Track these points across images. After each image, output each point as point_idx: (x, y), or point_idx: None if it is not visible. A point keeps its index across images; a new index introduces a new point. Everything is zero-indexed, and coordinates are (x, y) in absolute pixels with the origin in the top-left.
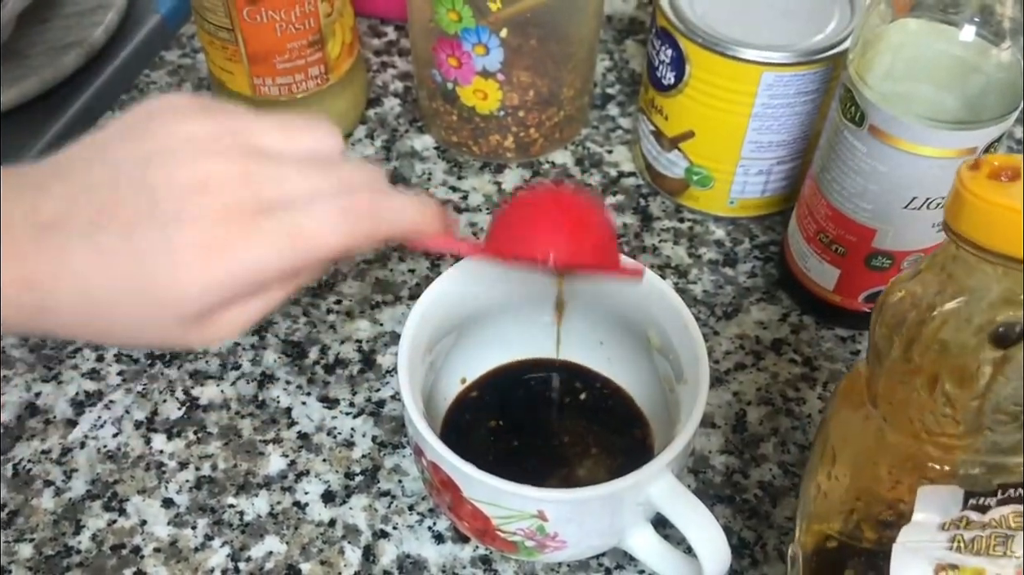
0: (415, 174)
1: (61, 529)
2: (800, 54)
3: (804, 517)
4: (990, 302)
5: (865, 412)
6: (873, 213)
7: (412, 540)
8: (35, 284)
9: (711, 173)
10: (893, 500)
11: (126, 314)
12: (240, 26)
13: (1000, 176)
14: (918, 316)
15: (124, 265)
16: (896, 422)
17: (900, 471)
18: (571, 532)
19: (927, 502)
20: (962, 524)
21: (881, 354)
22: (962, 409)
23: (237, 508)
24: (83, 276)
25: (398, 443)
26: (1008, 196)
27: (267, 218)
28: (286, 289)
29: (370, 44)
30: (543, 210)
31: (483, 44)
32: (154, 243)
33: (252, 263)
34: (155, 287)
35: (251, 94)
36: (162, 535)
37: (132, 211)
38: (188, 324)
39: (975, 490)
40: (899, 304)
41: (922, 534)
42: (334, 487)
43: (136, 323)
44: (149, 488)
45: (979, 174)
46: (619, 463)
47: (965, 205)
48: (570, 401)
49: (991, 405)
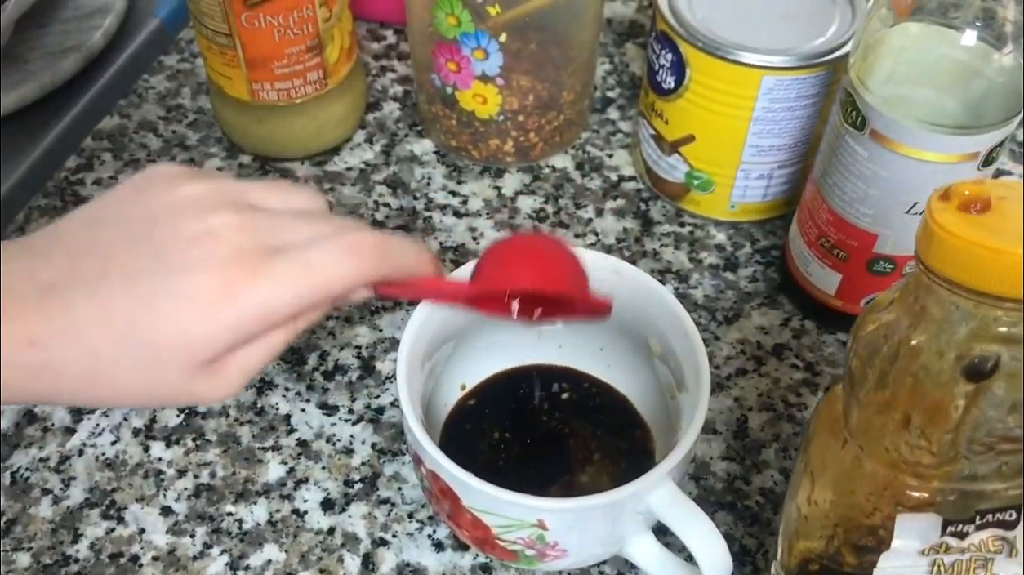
0: (414, 179)
1: (59, 538)
2: (801, 58)
3: (786, 537)
4: (963, 336)
5: (843, 438)
6: (875, 218)
7: (412, 548)
8: (37, 341)
9: (712, 177)
10: (872, 526)
11: (132, 370)
12: (238, 31)
13: (971, 208)
14: (891, 349)
15: (129, 316)
16: (872, 451)
17: (878, 499)
18: (572, 541)
19: (906, 529)
20: (941, 550)
21: (856, 383)
22: (936, 441)
23: (236, 516)
24: (87, 331)
25: (398, 450)
26: (978, 231)
27: (276, 256)
28: (288, 332)
29: (369, 48)
30: (515, 248)
31: (482, 48)
32: (160, 290)
33: (264, 299)
34: (162, 335)
35: (250, 99)
36: (160, 543)
37: (138, 264)
38: (197, 372)
39: (953, 518)
40: (873, 335)
41: (902, 559)
42: (333, 495)
43: (142, 379)
44: (147, 496)
45: (949, 206)
46: (620, 470)
47: (935, 240)
48: (570, 407)
49: (966, 437)
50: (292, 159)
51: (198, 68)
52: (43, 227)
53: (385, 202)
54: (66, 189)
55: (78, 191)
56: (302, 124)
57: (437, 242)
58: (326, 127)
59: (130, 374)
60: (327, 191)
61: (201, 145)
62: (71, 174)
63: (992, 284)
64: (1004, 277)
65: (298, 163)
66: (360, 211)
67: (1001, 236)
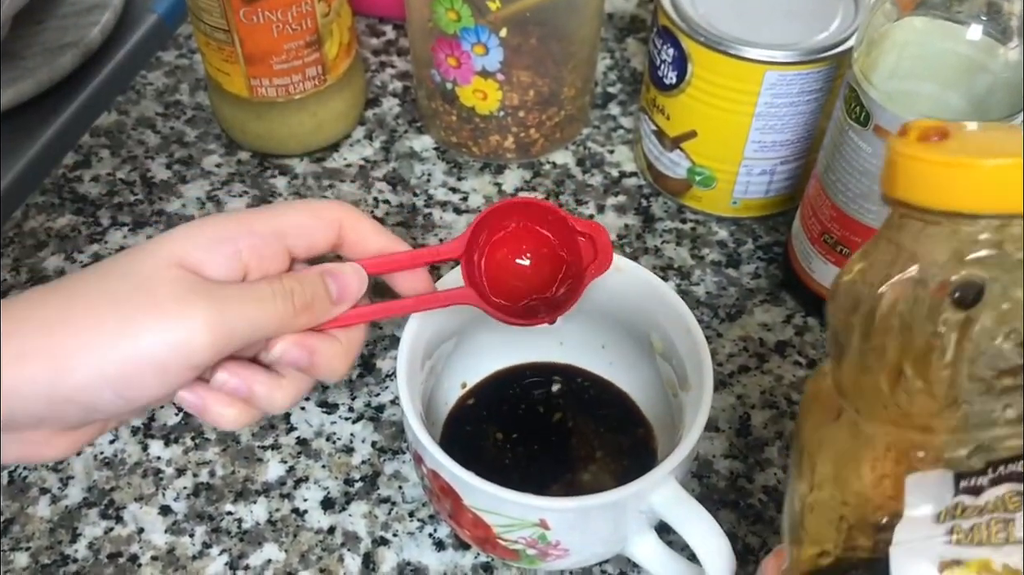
0: (414, 175)
1: (57, 537)
2: (804, 53)
3: (795, 542)
4: (942, 264)
5: (836, 411)
6: (879, 214)
7: (412, 547)
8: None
9: (714, 173)
10: (881, 499)
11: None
12: (236, 27)
13: (930, 138)
14: (872, 293)
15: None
16: (870, 411)
17: (883, 464)
18: (573, 540)
19: (917, 493)
20: (957, 512)
21: (842, 343)
22: (935, 382)
23: (235, 515)
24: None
25: (398, 448)
26: (941, 153)
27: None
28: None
29: (368, 43)
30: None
31: (482, 44)
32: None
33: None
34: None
35: (248, 95)
36: (159, 543)
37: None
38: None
39: (965, 471)
40: (851, 286)
41: (917, 530)
42: (333, 493)
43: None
44: (146, 495)
45: (909, 139)
46: (622, 468)
47: (900, 169)
48: (572, 405)
49: (963, 375)
50: (291, 156)
51: (196, 64)
52: (40, 224)
53: (385, 199)
54: (64, 186)
55: (76, 188)
56: (301, 120)
57: (437, 239)
58: (325, 123)
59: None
60: (326, 188)
61: (199, 142)
62: (69, 171)
63: (963, 201)
64: (974, 191)
65: (297, 160)
66: (360, 208)
67: (964, 154)
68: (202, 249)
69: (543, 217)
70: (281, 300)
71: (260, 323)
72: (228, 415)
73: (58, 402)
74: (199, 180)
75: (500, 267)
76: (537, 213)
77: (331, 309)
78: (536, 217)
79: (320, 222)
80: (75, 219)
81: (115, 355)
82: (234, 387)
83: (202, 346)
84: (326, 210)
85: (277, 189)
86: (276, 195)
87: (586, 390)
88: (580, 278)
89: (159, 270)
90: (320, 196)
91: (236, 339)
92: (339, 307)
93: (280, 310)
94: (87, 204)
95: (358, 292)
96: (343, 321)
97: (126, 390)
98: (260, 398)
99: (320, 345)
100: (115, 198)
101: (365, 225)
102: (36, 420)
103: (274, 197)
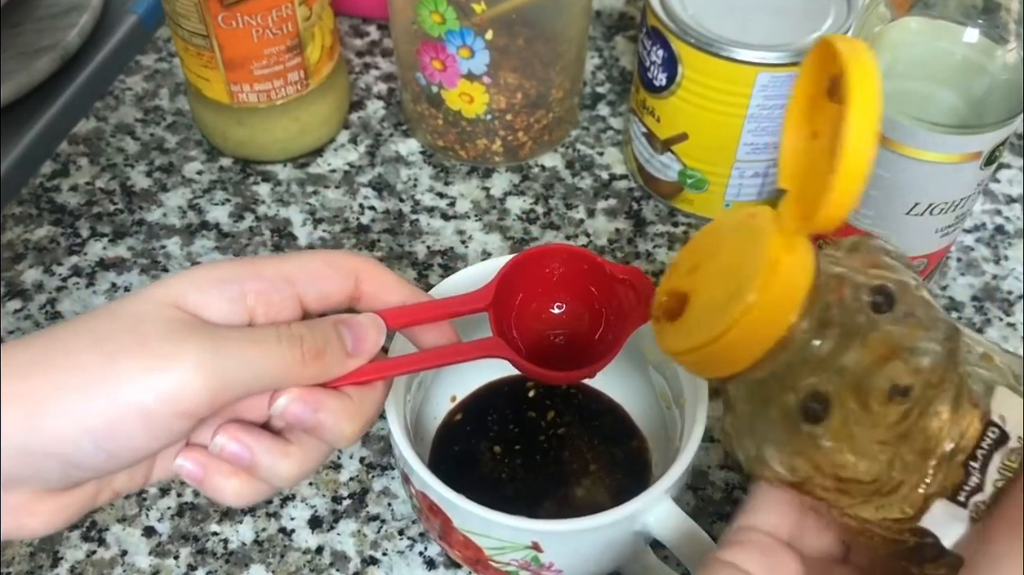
0: (400, 180)
1: (38, 562)
2: (796, 54)
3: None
4: (782, 393)
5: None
6: (874, 219)
7: (403, 566)
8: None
9: (705, 176)
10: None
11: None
12: (215, 32)
13: (665, 318)
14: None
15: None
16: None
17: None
18: (567, 562)
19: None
20: (977, 496)
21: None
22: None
23: (221, 536)
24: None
25: (387, 464)
26: (679, 340)
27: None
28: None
29: (352, 45)
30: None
31: (468, 47)
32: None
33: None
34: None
35: (229, 101)
36: (143, 566)
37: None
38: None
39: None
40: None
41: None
42: (321, 512)
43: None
44: (129, 516)
45: (661, 326)
46: (617, 481)
47: (681, 362)
48: (564, 418)
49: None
50: (274, 162)
51: (176, 68)
52: (17, 236)
53: (370, 205)
54: (41, 196)
55: (54, 198)
56: (283, 126)
57: (425, 246)
58: (308, 128)
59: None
60: (310, 195)
61: (180, 148)
62: (47, 180)
63: (738, 364)
64: (737, 356)
65: (280, 166)
66: (345, 214)
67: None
68: (202, 290)
69: (578, 264)
70: (288, 345)
71: (262, 368)
72: (229, 488)
73: (35, 455)
74: (180, 188)
75: (533, 317)
76: (572, 260)
77: (345, 361)
78: (571, 264)
79: (335, 271)
80: (54, 230)
81: (95, 401)
82: (234, 453)
83: (193, 392)
84: (342, 259)
85: (260, 196)
86: (259, 202)
87: (578, 402)
88: (621, 327)
89: (152, 310)
90: (304, 203)
91: (234, 386)
92: (354, 360)
93: (286, 355)
94: (66, 214)
95: (376, 344)
96: (359, 376)
97: (108, 441)
98: (263, 467)
99: (328, 401)
100: (94, 208)
101: (384, 276)
102: (11, 478)
103: (257, 204)
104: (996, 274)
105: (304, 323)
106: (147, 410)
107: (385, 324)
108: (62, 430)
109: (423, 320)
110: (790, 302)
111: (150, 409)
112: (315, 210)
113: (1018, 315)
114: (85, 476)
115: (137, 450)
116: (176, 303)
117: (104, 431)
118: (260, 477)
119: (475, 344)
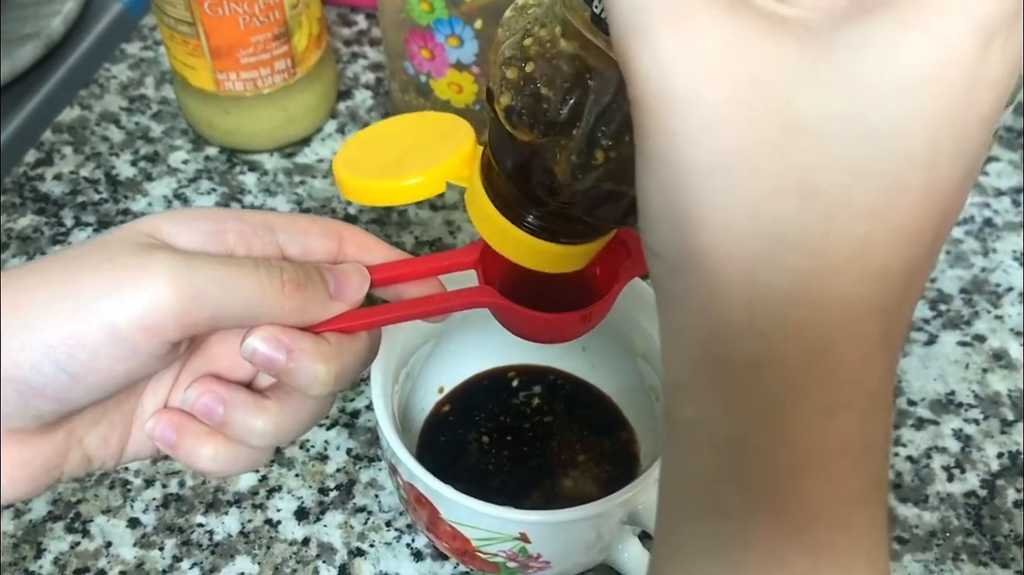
0: None
1: (21, 553)
2: None
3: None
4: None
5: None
6: None
7: (390, 558)
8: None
9: None
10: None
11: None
12: (201, 19)
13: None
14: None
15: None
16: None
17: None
18: (555, 552)
19: None
20: None
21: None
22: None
23: (206, 527)
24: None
25: (374, 455)
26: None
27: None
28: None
29: (339, 33)
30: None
31: (456, 35)
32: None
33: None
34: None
35: (215, 90)
36: (128, 557)
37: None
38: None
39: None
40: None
41: None
42: (307, 503)
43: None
44: (114, 507)
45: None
46: (605, 472)
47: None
48: (553, 409)
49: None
50: (260, 151)
51: (161, 56)
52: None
53: None
54: (25, 185)
55: (37, 187)
56: (270, 115)
57: (413, 236)
58: (295, 117)
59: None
60: (298, 184)
61: (166, 137)
62: (30, 169)
63: None
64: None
65: (267, 155)
66: (332, 204)
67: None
68: (177, 223)
69: None
70: (266, 271)
71: (238, 291)
72: (204, 454)
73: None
74: (166, 177)
75: (521, 276)
76: None
77: (328, 303)
78: None
79: (319, 227)
80: (37, 219)
81: (55, 316)
82: (205, 405)
83: (162, 303)
84: (325, 220)
85: (246, 186)
86: (245, 192)
87: (567, 393)
88: (612, 283)
89: (124, 236)
90: (291, 192)
91: (208, 308)
92: (337, 304)
93: (264, 281)
94: (49, 204)
95: (359, 290)
96: (341, 322)
97: (69, 360)
98: (236, 423)
99: (303, 342)
100: (79, 197)
101: (368, 239)
102: None
103: (243, 194)
104: (985, 267)
105: (284, 260)
106: (112, 324)
107: (370, 276)
108: (18, 351)
109: (409, 276)
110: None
111: (115, 323)
112: (302, 200)
113: (1006, 308)
114: (47, 408)
115: (101, 373)
116: (150, 233)
117: (64, 349)
118: (233, 435)
119: (463, 292)
